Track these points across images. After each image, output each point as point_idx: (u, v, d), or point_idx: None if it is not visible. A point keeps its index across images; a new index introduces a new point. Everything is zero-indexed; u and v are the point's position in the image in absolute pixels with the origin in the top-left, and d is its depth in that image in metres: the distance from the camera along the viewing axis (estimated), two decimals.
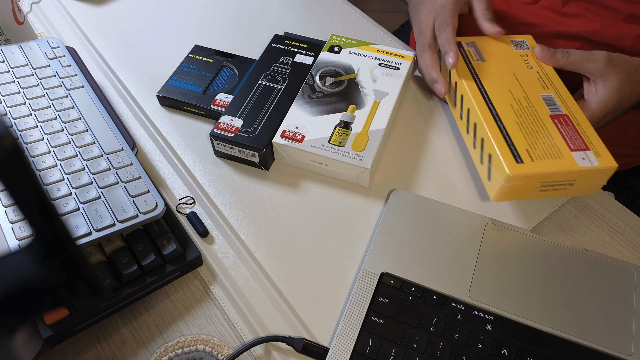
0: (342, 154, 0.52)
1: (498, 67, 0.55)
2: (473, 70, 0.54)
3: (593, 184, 0.48)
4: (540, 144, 0.48)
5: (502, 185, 0.47)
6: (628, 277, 0.46)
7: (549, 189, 0.48)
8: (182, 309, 0.47)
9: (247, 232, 0.51)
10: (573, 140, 0.48)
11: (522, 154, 0.47)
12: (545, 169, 0.46)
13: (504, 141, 0.48)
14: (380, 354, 0.42)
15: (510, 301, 0.45)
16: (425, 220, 0.50)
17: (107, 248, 0.46)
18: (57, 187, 0.47)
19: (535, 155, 0.47)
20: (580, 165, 0.46)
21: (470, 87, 0.53)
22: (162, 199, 0.47)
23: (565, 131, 0.48)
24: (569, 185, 0.48)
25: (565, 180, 0.47)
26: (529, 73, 0.54)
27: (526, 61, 0.55)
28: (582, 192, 0.49)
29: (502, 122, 0.49)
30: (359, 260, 0.49)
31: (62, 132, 0.52)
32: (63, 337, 0.43)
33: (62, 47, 0.61)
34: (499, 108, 0.51)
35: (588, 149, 0.47)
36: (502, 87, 0.53)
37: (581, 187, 0.48)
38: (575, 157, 0.47)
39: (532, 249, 0.48)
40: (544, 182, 0.47)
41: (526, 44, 0.57)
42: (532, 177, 0.46)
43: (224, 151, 0.56)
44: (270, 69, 0.61)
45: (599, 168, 0.46)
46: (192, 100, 0.60)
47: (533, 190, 0.48)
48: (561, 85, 0.53)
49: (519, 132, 0.48)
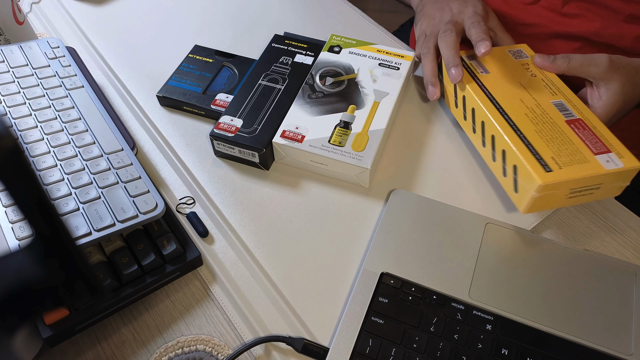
0: (342, 154, 0.52)
1: (504, 78, 0.54)
2: (480, 83, 0.54)
3: (618, 186, 0.48)
4: (564, 151, 0.47)
5: (532, 196, 0.46)
6: (628, 277, 0.46)
7: (577, 195, 0.48)
8: (182, 309, 0.47)
9: (247, 232, 0.51)
10: (594, 143, 0.48)
11: (549, 162, 0.46)
12: (575, 175, 0.45)
13: (528, 151, 0.47)
14: (380, 354, 0.42)
15: (510, 301, 0.45)
16: (425, 220, 0.50)
17: (107, 248, 0.46)
18: (57, 187, 0.47)
19: (562, 162, 0.46)
20: (606, 168, 0.46)
21: (482, 99, 0.52)
22: (162, 199, 0.47)
23: (584, 135, 0.48)
24: (596, 190, 0.48)
25: (593, 185, 0.47)
26: (534, 81, 0.54)
27: (528, 69, 0.55)
28: (607, 194, 0.49)
29: (521, 132, 0.49)
30: (359, 260, 0.49)
31: (62, 132, 0.52)
32: (63, 337, 0.43)
33: (62, 47, 0.61)
34: (515, 118, 0.50)
35: (610, 151, 0.47)
36: (513, 97, 0.52)
37: (606, 190, 0.48)
38: (600, 160, 0.46)
39: (532, 249, 0.48)
40: (573, 189, 0.47)
41: (524, 53, 0.57)
42: (562, 184, 0.46)
43: (224, 151, 0.56)
44: (270, 69, 0.61)
45: (624, 169, 0.46)
46: (192, 100, 0.60)
47: (562, 198, 0.48)
48: (568, 90, 0.53)
49: (541, 141, 0.48)
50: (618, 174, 0.46)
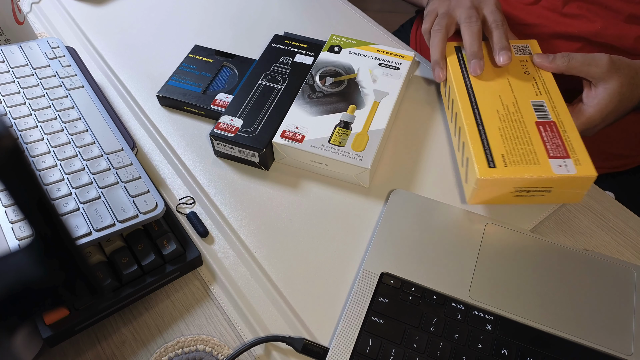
0: (342, 154, 0.52)
1: (493, 73, 0.55)
2: (466, 75, 0.55)
3: (573, 192, 0.48)
4: (518, 151, 0.48)
5: (474, 189, 0.48)
6: (628, 277, 0.46)
7: (525, 194, 0.49)
8: (182, 309, 0.47)
9: (247, 232, 0.51)
10: (554, 147, 0.48)
11: (496, 158, 0.47)
12: (517, 175, 0.46)
13: (481, 146, 0.49)
14: (380, 354, 0.42)
15: (510, 301, 0.45)
16: (425, 220, 0.50)
17: (107, 248, 0.46)
18: (57, 187, 0.47)
19: (510, 161, 0.47)
20: (555, 173, 0.46)
21: (460, 92, 0.54)
22: (162, 199, 0.47)
23: (548, 138, 0.49)
24: (547, 192, 0.48)
25: (541, 187, 0.48)
26: (524, 79, 0.54)
27: (524, 66, 0.55)
28: (564, 200, 0.50)
29: (484, 127, 0.50)
30: (359, 260, 0.49)
31: (62, 132, 0.52)
32: (63, 337, 0.43)
33: (62, 47, 0.61)
34: (484, 113, 0.51)
35: (568, 156, 0.47)
36: (493, 92, 0.53)
37: (561, 195, 0.49)
38: (552, 164, 0.47)
39: (532, 249, 0.48)
40: (518, 188, 0.48)
41: (529, 49, 0.57)
42: (503, 181, 0.47)
43: (224, 151, 0.56)
44: (270, 69, 0.61)
45: (577, 176, 0.46)
46: (192, 100, 0.60)
47: (508, 195, 0.49)
48: (556, 93, 0.53)
49: (499, 138, 0.49)
50: (570, 180, 0.46)
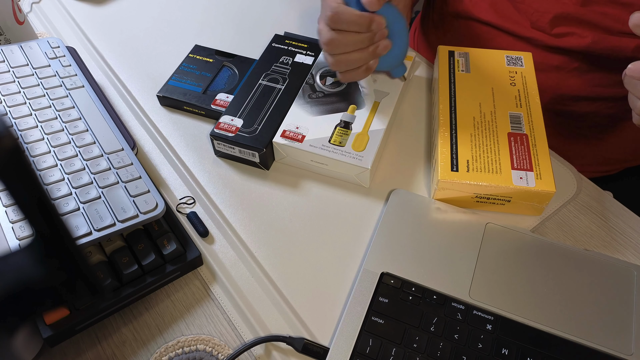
0: (343, 154, 0.52)
1: (478, 80, 0.56)
2: (452, 80, 0.56)
3: (532, 205, 0.49)
4: (484, 158, 0.49)
5: (435, 189, 0.50)
6: (628, 277, 0.46)
7: (485, 201, 0.50)
8: (182, 308, 0.47)
9: (247, 232, 0.51)
10: (520, 159, 0.49)
11: (461, 163, 0.49)
12: (476, 181, 0.48)
13: (449, 149, 0.50)
14: (380, 354, 0.42)
15: (510, 301, 0.45)
16: (425, 220, 0.50)
17: (107, 248, 0.46)
18: (57, 187, 0.47)
19: (473, 167, 0.48)
20: (514, 184, 0.47)
21: (443, 95, 0.55)
22: (162, 199, 0.47)
23: (517, 150, 0.50)
24: (506, 202, 0.49)
25: (500, 196, 0.49)
26: (508, 90, 0.55)
27: (512, 78, 0.56)
28: (523, 211, 0.51)
29: (456, 131, 0.51)
30: (359, 260, 0.49)
31: (63, 132, 0.52)
32: (63, 337, 0.43)
33: (62, 47, 0.61)
34: (460, 119, 0.52)
35: (531, 170, 0.48)
36: (473, 99, 0.54)
37: (520, 206, 0.50)
38: (513, 175, 0.48)
39: (532, 249, 0.48)
40: (477, 194, 0.49)
41: (521, 61, 0.58)
42: (461, 186, 0.48)
43: (224, 151, 0.56)
44: (270, 68, 0.61)
45: (535, 190, 0.47)
46: (192, 100, 0.60)
47: (469, 201, 0.50)
48: (537, 107, 0.53)
49: (468, 144, 0.50)
50: (528, 193, 0.48)
